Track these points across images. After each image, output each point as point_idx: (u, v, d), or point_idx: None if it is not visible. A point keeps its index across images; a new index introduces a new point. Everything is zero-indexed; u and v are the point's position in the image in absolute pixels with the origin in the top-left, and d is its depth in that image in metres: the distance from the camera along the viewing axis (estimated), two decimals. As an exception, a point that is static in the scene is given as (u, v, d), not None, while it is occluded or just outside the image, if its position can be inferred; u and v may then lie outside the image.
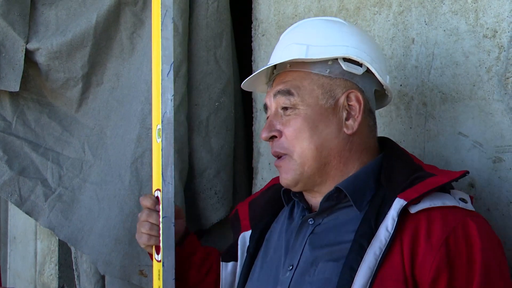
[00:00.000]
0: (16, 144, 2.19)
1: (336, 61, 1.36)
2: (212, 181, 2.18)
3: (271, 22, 2.13)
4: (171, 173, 1.52)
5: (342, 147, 1.36)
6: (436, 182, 1.26)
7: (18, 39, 2.13)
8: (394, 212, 1.24)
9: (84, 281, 2.30)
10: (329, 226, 1.35)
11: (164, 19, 1.51)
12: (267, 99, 1.44)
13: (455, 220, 1.22)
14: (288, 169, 1.37)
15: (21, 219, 3.36)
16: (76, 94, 2.21)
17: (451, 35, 1.56)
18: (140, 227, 1.56)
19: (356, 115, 1.36)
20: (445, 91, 1.57)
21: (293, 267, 1.34)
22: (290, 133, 1.36)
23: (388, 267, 1.21)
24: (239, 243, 1.59)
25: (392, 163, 1.36)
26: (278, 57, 1.42)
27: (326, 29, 1.41)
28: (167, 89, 1.52)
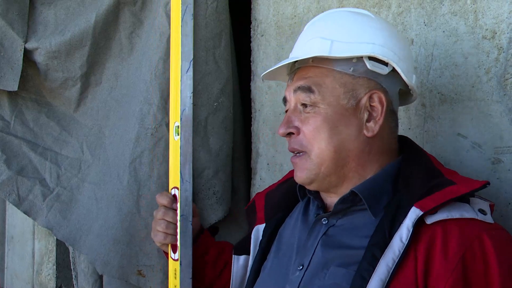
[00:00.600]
0: (14, 144, 2.19)
1: (361, 59, 1.31)
2: (210, 181, 2.17)
3: (270, 22, 2.12)
4: (190, 171, 1.50)
5: (361, 149, 1.32)
6: (455, 192, 1.21)
7: (16, 38, 2.12)
8: (409, 221, 1.19)
9: (82, 281, 2.30)
10: (343, 228, 1.32)
11: (184, 15, 1.48)
12: (287, 92, 1.40)
13: (473, 235, 1.17)
14: (303, 167, 1.33)
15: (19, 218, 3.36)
16: (75, 94, 2.20)
17: (450, 36, 1.56)
18: (156, 225, 1.54)
19: (378, 117, 1.32)
20: (444, 92, 1.57)
21: (304, 267, 1.32)
22: (308, 132, 1.32)
23: (400, 279, 1.17)
24: (252, 237, 1.57)
25: (411, 167, 1.31)
26: (300, 51, 1.37)
27: (352, 24, 1.35)
28: (187, 86, 1.49)
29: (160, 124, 2.03)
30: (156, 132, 2.03)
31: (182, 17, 1.45)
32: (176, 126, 1.51)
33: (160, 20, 2.06)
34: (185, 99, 1.47)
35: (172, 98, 1.51)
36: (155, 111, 2.03)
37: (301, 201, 1.49)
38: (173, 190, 1.55)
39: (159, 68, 2.04)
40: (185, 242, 1.50)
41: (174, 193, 1.54)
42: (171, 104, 1.51)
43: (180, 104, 1.46)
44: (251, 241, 1.56)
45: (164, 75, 2.04)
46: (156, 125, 2.03)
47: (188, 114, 1.47)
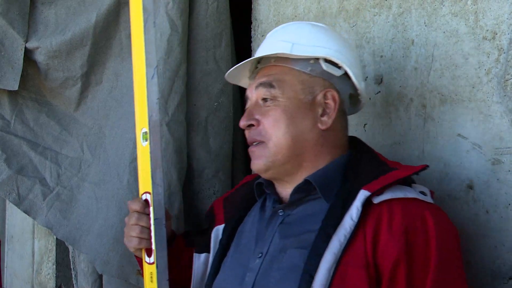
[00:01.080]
0: (14, 143, 2.18)
1: (317, 61, 1.46)
2: (210, 181, 2.18)
3: (270, 22, 2.13)
4: (160, 175, 1.53)
5: (315, 140, 1.45)
6: (398, 175, 1.35)
7: (17, 37, 2.12)
8: (358, 202, 1.32)
9: (82, 281, 2.29)
10: (298, 216, 1.43)
11: (146, 23, 1.52)
12: (248, 90, 1.52)
13: (415, 212, 1.31)
14: (261, 155, 1.45)
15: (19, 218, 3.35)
16: (75, 93, 2.20)
17: (450, 37, 1.56)
18: (130, 231, 1.58)
19: (331, 112, 1.46)
20: (445, 92, 1.57)
21: (263, 254, 1.42)
22: (268, 122, 1.44)
23: (351, 253, 1.28)
24: (212, 236, 1.65)
25: (359, 159, 1.45)
26: (263, 51, 1.51)
27: (311, 31, 1.51)
28: (153, 92, 1.53)
29: (160, 124, 2.02)
30: None
31: (144, 25, 1.50)
32: (144, 132, 1.53)
33: (161, 20, 2.07)
34: (152, 105, 1.52)
35: (137, 105, 1.55)
36: None
37: (258, 199, 1.59)
38: (144, 195, 1.56)
39: (159, 68, 2.04)
40: (160, 245, 1.52)
41: (145, 198, 1.55)
42: (137, 110, 1.55)
43: (148, 110, 1.48)
44: (211, 240, 1.64)
45: (164, 74, 2.04)
46: None
47: (156, 120, 1.52)
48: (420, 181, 1.61)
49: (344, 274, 1.27)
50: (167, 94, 2.06)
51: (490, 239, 1.47)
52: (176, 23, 2.06)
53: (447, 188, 1.56)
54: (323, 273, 1.27)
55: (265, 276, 1.39)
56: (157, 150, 1.53)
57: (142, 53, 1.51)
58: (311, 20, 1.96)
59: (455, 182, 1.54)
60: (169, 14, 2.06)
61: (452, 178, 1.55)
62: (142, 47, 1.51)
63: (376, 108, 1.74)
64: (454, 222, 1.53)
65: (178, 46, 2.07)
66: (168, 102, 2.05)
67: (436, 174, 1.58)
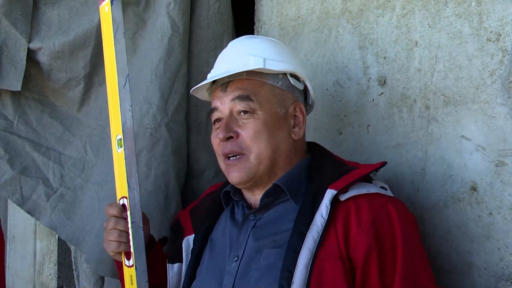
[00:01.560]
0: (17, 144, 2.18)
1: (285, 76, 1.56)
2: (210, 183, 2.17)
3: (273, 23, 2.12)
4: (136, 180, 1.58)
5: (289, 150, 1.54)
6: (359, 173, 1.46)
7: (20, 38, 2.12)
8: (327, 200, 1.41)
9: (83, 281, 2.29)
10: (270, 218, 1.51)
11: (116, 34, 1.57)
12: (218, 102, 1.56)
13: (379, 205, 1.41)
14: (242, 167, 1.50)
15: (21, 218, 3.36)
16: (78, 94, 2.20)
17: (454, 38, 1.56)
18: (109, 235, 1.62)
19: (300, 123, 1.57)
20: (448, 94, 1.56)
21: (239, 258, 1.48)
22: (248, 135, 1.50)
23: (325, 247, 1.37)
24: (183, 246, 1.69)
25: (320, 160, 1.56)
26: (235, 65, 1.54)
27: (275, 47, 1.60)
28: (125, 99, 1.58)
29: (159, 125, 2.02)
30: (155, 132, 2.02)
31: (114, 36, 1.56)
32: (119, 139, 1.59)
33: (162, 20, 2.06)
34: (125, 112, 1.58)
35: (111, 112, 1.61)
36: (155, 111, 2.02)
37: (226, 207, 1.65)
38: (121, 200, 1.61)
39: (160, 68, 2.03)
40: (138, 248, 1.57)
41: (123, 202, 1.61)
42: (111, 118, 1.62)
43: (121, 118, 1.55)
44: (182, 250, 1.68)
45: (164, 75, 2.04)
46: (155, 125, 2.02)
47: (129, 126, 1.58)
48: (424, 183, 1.61)
49: (321, 268, 1.36)
50: (167, 95, 2.05)
51: (494, 241, 1.47)
52: (177, 23, 2.06)
53: (451, 189, 1.55)
54: (301, 269, 1.35)
55: (243, 277, 1.45)
56: (131, 156, 1.58)
57: (114, 63, 1.56)
58: (314, 22, 1.95)
59: (459, 183, 1.54)
60: (170, 15, 2.05)
61: (455, 180, 1.55)
62: (113, 58, 1.56)
63: (379, 110, 1.74)
64: (458, 224, 1.53)
65: (179, 47, 2.06)
66: (168, 102, 2.04)
67: (440, 176, 1.58)
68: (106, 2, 1.59)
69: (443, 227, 1.57)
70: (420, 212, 1.61)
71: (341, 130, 1.86)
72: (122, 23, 1.58)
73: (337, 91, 1.87)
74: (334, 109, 1.87)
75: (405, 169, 1.66)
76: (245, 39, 1.66)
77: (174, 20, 2.06)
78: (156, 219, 1.98)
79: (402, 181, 1.67)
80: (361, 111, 1.80)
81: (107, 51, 1.60)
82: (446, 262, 1.56)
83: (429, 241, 1.58)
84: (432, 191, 1.59)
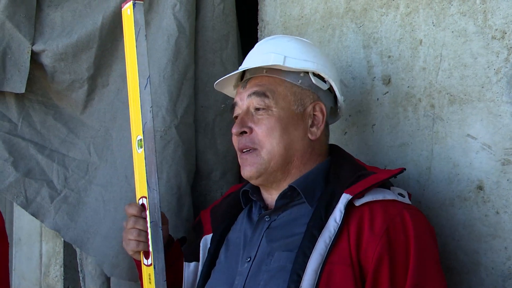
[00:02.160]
0: (21, 146, 2.18)
1: (307, 74, 1.55)
2: (218, 183, 2.17)
3: (277, 23, 2.12)
4: (155, 180, 1.59)
5: (304, 149, 1.53)
6: (377, 178, 1.43)
7: (23, 40, 2.12)
8: (341, 205, 1.40)
9: (89, 283, 2.29)
10: (284, 221, 1.50)
11: (138, 36, 1.59)
12: (238, 98, 1.58)
13: (394, 212, 1.38)
14: (253, 162, 1.51)
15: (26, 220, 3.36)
16: (82, 96, 2.19)
17: (459, 37, 1.55)
18: (128, 234, 1.63)
19: (319, 124, 1.55)
20: (453, 92, 1.56)
21: (251, 259, 1.48)
22: (262, 131, 1.51)
23: (336, 253, 1.36)
24: (201, 245, 1.70)
25: (340, 164, 1.54)
26: (256, 62, 1.56)
27: (300, 46, 1.59)
28: (146, 101, 1.59)
29: (169, 127, 2.02)
30: (165, 134, 2.02)
31: (136, 38, 1.59)
32: (139, 139, 1.61)
33: (168, 22, 2.06)
34: (145, 113, 1.60)
35: (132, 113, 1.64)
36: (164, 113, 2.02)
37: (244, 207, 1.66)
38: (141, 200, 1.63)
39: (168, 70, 2.03)
40: (156, 247, 1.59)
41: (142, 202, 1.63)
42: (132, 119, 1.64)
43: (142, 118, 1.59)
44: (200, 249, 1.69)
45: (172, 77, 2.04)
46: (165, 127, 2.02)
47: (150, 127, 1.60)
48: (430, 182, 1.60)
49: (330, 273, 1.34)
50: (176, 97, 2.05)
51: (501, 240, 1.46)
52: (184, 25, 2.06)
53: (457, 189, 1.54)
54: (311, 273, 1.34)
55: (254, 278, 1.45)
56: (151, 156, 1.60)
57: (135, 64, 1.59)
58: (318, 21, 1.95)
59: (465, 183, 1.53)
60: (176, 17, 2.05)
61: (461, 179, 1.54)
62: (135, 59, 1.59)
63: (384, 109, 1.73)
64: (464, 223, 1.52)
65: (186, 49, 2.06)
66: (177, 104, 2.04)
67: (445, 175, 1.57)
68: (129, 5, 1.61)
69: (449, 226, 1.56)
70: (426, 212, 1.60)
71: (346, 130, 1.85)
72: (144, 25, 1.60)
73: (342, 90, 1.86)
74: (338, 108, 1.87)
75: (411, 168, 1.65)
76: (275, 38, 1.68)
77: (180, 21, 2.05)
78: (169, 222, 1.98)
79: (408, 181, 1.66)
80: (365, 111, 1.79)
81: (129, 53, 1.63)
82: (453, 261, 1.55)
83: (436, 240, 1.57)
84: (438, 190, 1.59)
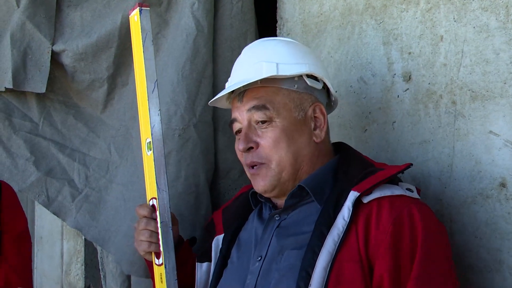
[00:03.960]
0: (43, 145, 2.21)
1: (301, 77, 1.53)
2: (237, 182, 2.18)
3: (296, 21, 2.11)
4: (165, 181, 1.62)
5: (312, 153, 1.53)
6: (384, 175, 1.43)
7: (44, 41, 2.14)
8: (349, 203, 1.40)
9: (110, 282, 2.31)
10: (293, 219, 1.51)
11: (145, 42, 1.62)
12: (236, 113, 1.56)
13: (401, 206, 1.38)
14: (266, 176, 1.51)
15: (48, 219, 3.40)
16: (102, 95, 2.21)
17: (481, 32, 1.53)
18: (139, 235, 1.66)
19: (322, 125, 1.55)
20: (475, 89, 1.54)
21: (262, 257, 1.49)
22: (268, 144, 1.50)
23: (345, 250, 1.36)
24: (213, 246, 1.71)
25: (348, 161, 1.53)
26: (248, 74, 1.53)
27: (289, 48, 1.57)
28: (154, 104, 1.63)
29: (187, 125, 2.03)
30: (184, 133, 2.03)
31: (143, 43, 1.62)
32: (148, 142, 1.65)
33: (187, 21, 2.06)
34: (154, 116, 1.63)
35: (141, 117, 1.68)
36: (183, 112, 2.03)
37: (254, 208, 1.66)
38: (151, 201, 1.67)
39: (186, 69, 2.04)
40: (167, 247, 1.62)
41: (152, 203, 1.66)
42: (141, 122, 1.68)
43: (150, 122, 1.62)
44: (212, 249, 1.71)
45: (191, 75, 2.04)
46: (183, 126, 2.03)
47: (158, 130, 1.63)
48: (451, 180, 1.59)
49: (339, 270, 1.35)
50: (194, 95, 2.05)
51: (524, 238, 1.44)
52: (202, 23, 2.06)
53: (479, 186, 1.53)
54: (320, 270, 1.34)
55: (265, 277, 1.46)
56: (160, 158, 1.63)
57: (143, 69, 1.62)
58: (337, 18, 1.94)
59: (487, 180, 1.51)
60: (194, 15, 2.06)
61: (484, 176, 1.52)
62: (142, 64, 1.62)
63: (404, 106, 1.72)
64: (487, 221, 1.51)
65: (204, 47, 2.07)
66: (195, 103, 2.05)
67: (468, 172, 1.56)
68: (136, 12, 1.64)
69: (472, 224, 1.55)
70: (448, 210, 1.59)
71: (366, 128, 1.85)
72: (150, 31, 1.62)
73: (362, 88, 1.86)
74: (358, 106, 1.86)
75: (432, 166, 1.64)
76: (258, 43, 1.64)
77: (199, 20, 2.06)
78: (187, 220, 2.00)
79: (429, 179, 1.65)
80: (386, 108, 1.78)
81: (136, 58, 1.66)
82: (475, 260, 1.54)
83: (458, 238, 1.56)
84: (460, 188, 1.57)
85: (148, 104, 1.62)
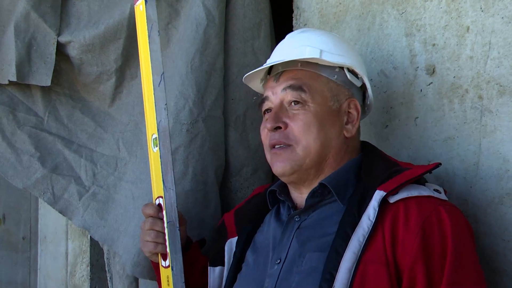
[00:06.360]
0: (48, 141, 2.22)
1: (342, 70, 1.57)
2: (249, 180, 2.17)
3: (313, 11, 2.11)
4: (172, 179, 1.62)
5: (340, 147, 1.55)
6: (411, 174, 1.44)
7: (49, 31, 2.15)
8: (375, 202, 1.40)
9: (117, 283, 2.32)
10: (315, 220, 1.51)
11: (151, 32, 1.62)
12: (269, 92, 1.58)
13: (429, 208, 1.38)
14: (287, 158, 1.51)
15: (52, 218, 3.41)
16: (110, 89, 2.22)
17: (509, 23, 1.52)
18: (145, 236, 1.66)
19: (354, 121, 1.57)
20: (503, 83, 1.53)
21: (281, 260, 1.49)
22: (298, 126, 1.51)
23: (371, 252, 1.36)
24: (226, 249, 1.71)
25: (372, 160, 1.54)
26: (290, 55, 1.56)
27: (333, 40, 1.61)
28: (160, 98, 1.63)
29: (196, 120, 2.03)
30: (192, 128, 2.03)
31: (149, 34, 1.62)
32: (154, 138, 1.64)
33: (197, 11, 2.06)
34: (160, 110, 1.63)
35: (146, 111, 1.67)
36: (191, 106, 2.03)
37: (271, 208, 1.67)
38: (157, 200, 1.66)
39: (196, 60, 2.04)
40: (174, 248, 1.61)
41: (159, 202, 1.65)
42: (147, 116, 1.67)
43: (156, 116, 1.62)
44: (225, 253, 1.71)
45: (201, 68, 2.04)
46: (192, 120, 2.03)
47: (165, 125, 1.63)
48: (477, 179, 1.58)
49: (364, 272, 1.35)
50: (204, 89, 2.05)
51: (555, 241, 1.43)
52: (213, 13, 2.06)
53: (507, 186, 1.52)
54: (344, 272, 1.35)
55: (285, 280, 1.46)
56: (167, 155, 1.63)
57: (149, 61, 1.62)
58: (356, 8, 1.94)
59: (516, 179, 1.51)
60: (205, 5, 2.05)
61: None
62: (148, 56, 1.62)
63: (428, 101, 1.72)
64: (515, 222, 1.50)
65: (215, 38, 2.07)
66: (204, 96, 2.05)
67: (495, 171, 1.55)
68: (141, 1, 1.64)
69: (498, 226, 1.54)
70: (473, 210, 1.58)
71: (387, 123, 1.84)
72: (156, 21, 1.63)
73: (382, 81, 1.85)
74: (379, 100, 1.86)
75: (457, 164, 1.64)
76: (304, 31, 1.67)
77: (210, 10, 2.06)
78: (195, 219, 2.00)
79: (454, 177, 1.64)
80: (408, 103, 1.77)
81: (142, 49, 1.66)
82: (502, 263, 1.53)
83: (484, 240, 1.55)
84: (487, 187, 1.57)
85: (154, 98, 1.62)
